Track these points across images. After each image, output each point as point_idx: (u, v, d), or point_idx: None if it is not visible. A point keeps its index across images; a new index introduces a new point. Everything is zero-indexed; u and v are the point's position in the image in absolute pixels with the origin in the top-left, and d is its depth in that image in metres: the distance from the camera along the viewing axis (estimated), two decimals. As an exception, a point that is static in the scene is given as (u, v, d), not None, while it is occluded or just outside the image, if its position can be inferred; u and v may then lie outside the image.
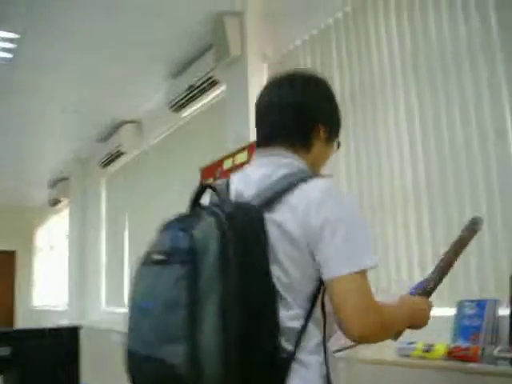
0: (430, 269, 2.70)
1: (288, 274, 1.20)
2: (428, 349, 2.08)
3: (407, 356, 2.16)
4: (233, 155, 4.24)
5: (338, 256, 1.17)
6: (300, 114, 1.38)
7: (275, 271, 1.19)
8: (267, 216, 1.21)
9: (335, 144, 1.50)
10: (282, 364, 1.15)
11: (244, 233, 1.14)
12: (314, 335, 1.21)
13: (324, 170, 1.49)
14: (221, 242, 1.10)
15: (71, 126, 6.88)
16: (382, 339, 1.29)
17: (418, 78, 2.90)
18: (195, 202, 1.37)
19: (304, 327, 1.19)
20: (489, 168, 2.51)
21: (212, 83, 4.69)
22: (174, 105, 5.20)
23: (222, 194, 1.29)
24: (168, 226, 1.32)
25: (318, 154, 1.43)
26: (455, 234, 2.61)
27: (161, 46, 4.75)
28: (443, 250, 2.65)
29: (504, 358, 1.80)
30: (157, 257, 1.23)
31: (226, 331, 1.04)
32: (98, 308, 7.63)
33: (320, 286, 1.21)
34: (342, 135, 3.22)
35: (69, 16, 4.19)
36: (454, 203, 2.66)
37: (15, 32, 4.37)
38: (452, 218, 2.66)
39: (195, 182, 4.83)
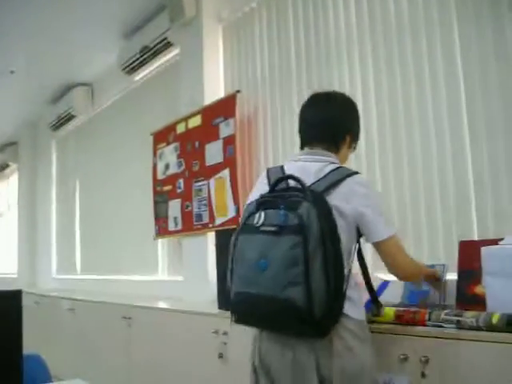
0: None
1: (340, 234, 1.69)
2: (377, 312, 2.09)
3: (357, 320, 2.17)
4: (186, 119, 4.15)
5: (380, 225, 1.78)
6: (335, 128, 1.92)
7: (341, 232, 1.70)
8: (327, 199, 1.71)
9: (354, 146, 2.00)
10: (344, 295, 1.71)
11: (325, 213, 1.67)
12: (351, 279, 1.77)
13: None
14: (318, 220, 1.62)
15: (20, 88, 6.60)
16: (415, 280, 2.12)
17: (373, 36, 2.88)
18: (275, 186, 1.81)
19: (349, 273, 1.74)
20: (442, 130, 2.52)
21: (166, 45, 4.55)
22: (127, 67, 5.04)
23: (301, 182, 1.74)
24: (264, 205, 1.74)
25: (343, 154, 1.95)
26: (406, 187, 2.64)
27: (113, 5, 4.56)
28: (395, 204, 2.69)
29: (450, 322, 1.82)
30: (269, 228, 1.67)
31: (327, 279, 1.61)
32: (49, 275, 7.48)
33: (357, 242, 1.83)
34: (297, 99, 3.20)
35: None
36: (406, 162, 2.67)
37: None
38: (403, 175, 2.68)
39: (147, 146, 4.72)
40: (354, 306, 1.75)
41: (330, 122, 1.92)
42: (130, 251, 5.38)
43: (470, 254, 2.20)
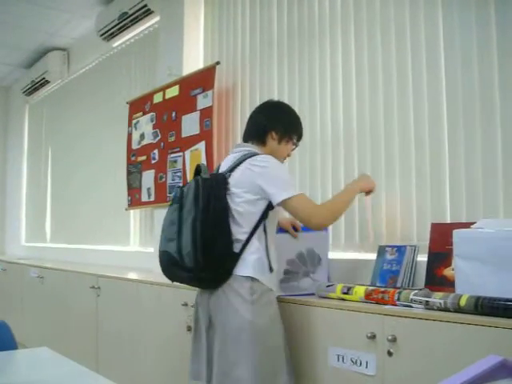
0: (356, 208, 2.74)
1: (241, 206, 2.07)
2: (347, 291, 2.09)
3: (327, 297, 2.18)
4: (163, 89, 4.08)
5: (276, 190, 2.05)
6: (257, 126, 2.29)
7: (233, 206, 2.07)
8: (230, 175, 2.11)
9: (291, 145, 2.34)
10: (233, 256, 2.03)
11: (211, 184, 2.07)
12: (253, 244, 2.06)
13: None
14: (195, 189, 2.05)
15: (-8, 49, 6.43)
16: (335, 219, 2.16)
17: (357, 21, 2.84)
18: (195, 174, 2.18)
19: (248, 239, 2.06)
20: (420, 116, 2.51)
21: (146, 12, 4.44)
22: (105, 33, 4.93)
23: (203, 168, 2.16)
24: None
25: (274, 149, 2.25)
26: (382, 167, 2.65)
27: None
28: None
29: (419, 302, 1.83)
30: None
31: (193, 236, 1.98)
32: (18, 243, 7.38)
33: (264, 214, 2.09)
34: (277, 75, 3.16)
35: None
36: (383, 142, 2.66)
37: None
38: (380, 156, 2.67)
39: (123, 114, 4.64)
40: (246, 268, 2.03)
41: (254, 121, 2.32)
42: (102, 221, 5.32)
43: (441, 236, 2.22)
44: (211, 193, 2.04)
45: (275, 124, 2.27)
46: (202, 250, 1.97)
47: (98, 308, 3.83)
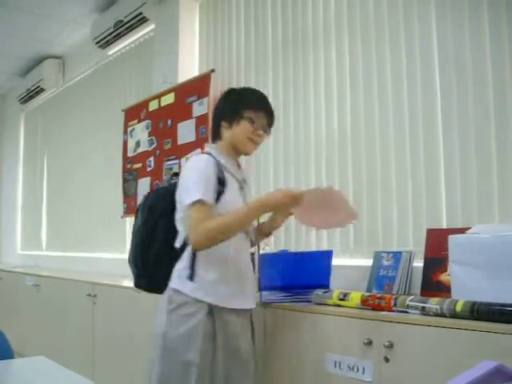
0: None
1: (177, 213, 2.00)
2: (343, 297, 2.10)
3: (323, 304, 2.18)
4: (158, 97, 4.09)
5: (183, 196, 1.92)
6: (212, 124, 2.17)
7: (176, 214, 2.01)
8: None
9: (247, 122, 2.01)
10: (164, 266, 2.01)
11: (153, 197, 2.18)
12: (185, 253, 1.97)
13: (247, 144, 2.05)
14: (142, 204, 2.19)
15: (-13, 58, 6.43)
16: (215, 242, 1.85)
17: (351, 29, 2.85)
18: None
19: (183, 248, 1.98)
20: (415, 121, 2.52)
21: (141, 20, 4.45)
22: (100, 41, 4.93)
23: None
24: None
25: (228, 138, 2.05)
26: (378, 172, 2.65)
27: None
28: (365, 191, 2.70)
29: (415, 308, 1.83)
30: None
31: (134, 246, 2.15)
32: (14, 251, 7.35)
33: None
34: (272, 82, 3.17)
35: None
36: (378, 147, 2.67)
37: None
38: (376, 160, 2.68)
39: (118, 122, 4.65)
40: (172, 278, 1.98)
41: (211, 121, 2.20)
42: (98, 229, 5.31)
43: (437, 242, 2.23)
44: (157, 202, 2.09)
45: (222, 112, 2.09)
46: (150, 261, 2.07)
47: (94, 316, 3.81)
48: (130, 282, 3.82)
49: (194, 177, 1.91)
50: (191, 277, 1.92)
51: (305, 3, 3.13)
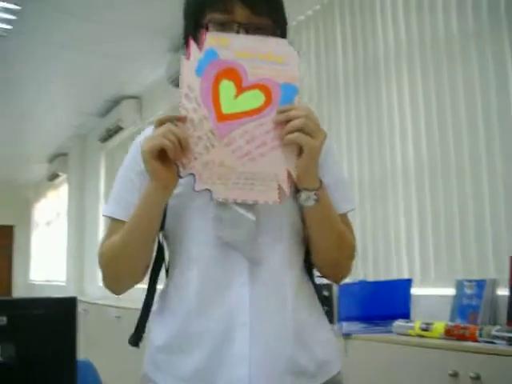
0: (430, 241, 2.71)
1: None
2: (426, 327, 2.07)
3: (405, 334, 2.16)
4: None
5: None
6: None
7: None
8: None
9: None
10: None
11: None
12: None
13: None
14: None
15: (71, 101, 6.81)
16: (112, 269, 1.25)
17: (422, 57, 2.86)
18: None
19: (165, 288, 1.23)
20: (492, 149, 2.48)
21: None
22: (175, 79, 5.13)
23: None
24: None
25: None
26: (455, 199, 2.61)
27: (161, 19, 4.66)
28: (443, 220, 2.66)
29: (502, 338, 1.79)
30: None
31: None
32: (96, 284, 7.63)
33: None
34: (344, 108, 3.18)
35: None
36: (455, 184, 2.64)
37: (16, 3, 4.31)
38: (452, 198, 2.64)
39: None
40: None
41: None
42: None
43: (521, 269, 2.17)
44: None
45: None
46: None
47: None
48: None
49: (118, 178, 1.40)
50: (136, 340, 1.29)
51: (375, 35, 3.16)
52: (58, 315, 1.90)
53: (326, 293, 2.74)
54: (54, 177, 9.53)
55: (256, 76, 1.02)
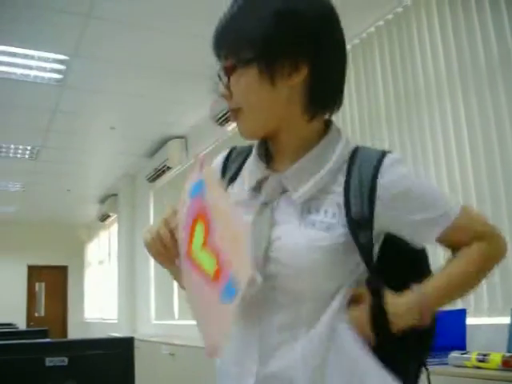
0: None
1: None
2: (483, 358, 2.03)
3: (461, 366, 2.12)
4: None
5: None
6: None
7: None
8: None
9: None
10: None
11: None
12: None
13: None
14: None
15: (119, 143, 7.04)
16: None
17: (463, 82, 2.87)
18: None
19: None
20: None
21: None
22: (219, 119, 5.26)
23: None
24: None
25: None
26: (507, 234, 2.57)
27: (204, 60, 4.81)
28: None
29: None
30: None
31: None
32: (148, 321, 7.73)
33: None
34: (387, 141, 3.18)
35: (117, 41, 4.33)
36: (505, 210, 2.61)
37: (65, 54, 4.53)
38: (504, 226, 2.60)
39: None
40: None
41: None
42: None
43: None
44: None
45: None
46: None
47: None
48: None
49: None
50: None
51: (415, 66, 3.19)
52: (116, 355, 1.96)
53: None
54: (105, 217, 9.78)
55: (221, 241, 0.92)
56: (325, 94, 1.02)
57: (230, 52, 0.99)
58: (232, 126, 5.38)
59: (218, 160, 1.21)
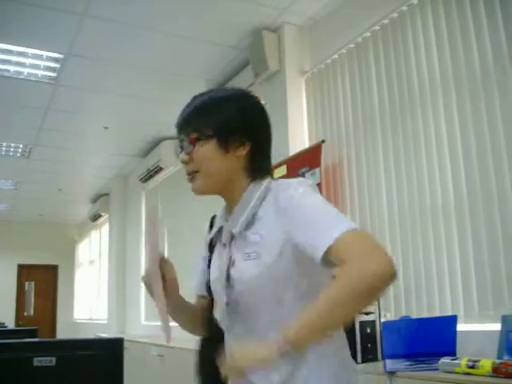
0: (473, 276, 2.67)
1: None
2: (473, 365, 2.03)
3: (451, 372, 2.12)
4: (271, 169, 4.23)
5: None
6: None
7: None
8: None
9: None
10: None
11: None
12: None
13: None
14: None
15: (112, 143, 7.03)
16: None
17: (458, 90, 2.87)
18: None
19: None
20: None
21: (251, 99, 4.70)
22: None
23: None
24: None
25: None
26: (500, 247, 2.58)
27: (198, 63, 4.81)
28: (487, 257, 2.62)
29: (553, 375, 1.75)
30: None
31: None
32: (138, 322, 7.70)
33: None
34: (381, 142, 3.18)
35: (112, 41, 4.32)
36: (498, 217, 2.61)
37: (60, 52, 4.51)
38: (496, 232, 2.61)
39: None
40: None
41: None
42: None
43: None
44: None
45: None
46: None
47: None
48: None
49: None
50: None
51: (409, 68, 3.19)
52: (105, 356, 1.94)
53: (368, 329, 2.72)
54: (96, 217, 9.75)
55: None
56: (261, 162, 1.36)
57: (196, 129, 1.35)
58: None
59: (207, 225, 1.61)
